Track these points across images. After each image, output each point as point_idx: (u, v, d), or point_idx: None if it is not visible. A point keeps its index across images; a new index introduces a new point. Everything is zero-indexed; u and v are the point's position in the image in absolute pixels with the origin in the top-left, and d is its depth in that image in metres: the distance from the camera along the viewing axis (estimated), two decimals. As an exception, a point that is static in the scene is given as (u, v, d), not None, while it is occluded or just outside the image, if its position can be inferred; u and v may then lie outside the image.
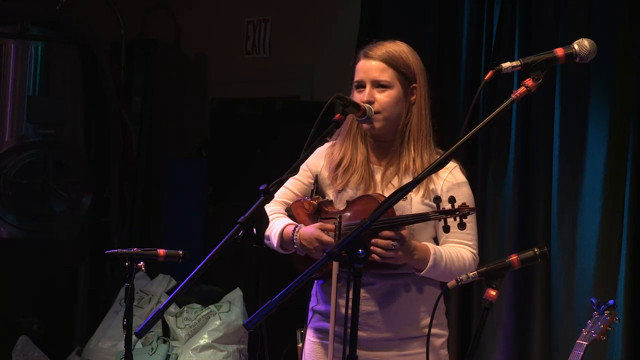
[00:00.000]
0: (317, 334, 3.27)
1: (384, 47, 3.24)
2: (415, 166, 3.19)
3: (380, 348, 3.18)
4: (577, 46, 2.66)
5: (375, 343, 3.17)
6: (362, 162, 3.23)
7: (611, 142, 4.34)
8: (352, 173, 3.22)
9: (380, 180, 3.23)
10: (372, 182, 3.22)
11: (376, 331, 3.17)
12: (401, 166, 3.21)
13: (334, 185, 3.24)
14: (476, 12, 4.84)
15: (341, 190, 3.22)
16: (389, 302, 3.16)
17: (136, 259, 3.42)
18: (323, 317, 3.26)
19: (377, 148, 3.26)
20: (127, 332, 3.40)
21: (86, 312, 6.35)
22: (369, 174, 3.23)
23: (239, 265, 4.61)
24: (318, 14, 6.01)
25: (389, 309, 3.16)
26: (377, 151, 3.27)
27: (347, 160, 3.24)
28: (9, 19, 5.99)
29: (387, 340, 3.18)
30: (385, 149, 3.25)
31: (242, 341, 5.41)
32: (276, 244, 3.20)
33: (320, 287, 3.28)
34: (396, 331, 3.18)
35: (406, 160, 3.21)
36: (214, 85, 6.62)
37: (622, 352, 4.20)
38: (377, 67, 3.21)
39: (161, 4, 6.93)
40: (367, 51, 3.24)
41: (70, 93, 6.16)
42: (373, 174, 3.24)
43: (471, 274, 2.65)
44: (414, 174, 3.16)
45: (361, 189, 3.20)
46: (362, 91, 3.20)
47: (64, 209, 6.02)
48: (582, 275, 4.40)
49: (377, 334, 3.17)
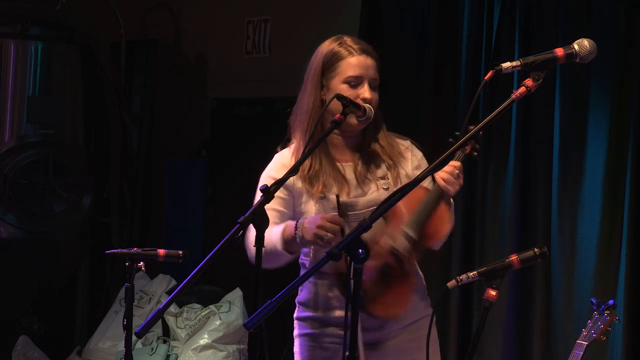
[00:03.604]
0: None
1: (365, 43, 3.25)
2: (382, 152, 3.23)
3: (392, 337, 3.24)
4: (577, 46, 2.66)
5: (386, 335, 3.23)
6: (328, 162, 3.21)
7: (611, 142, 4.34)
8: (322, 175, 3.20)
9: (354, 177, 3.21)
10: (345, 181, 3.20)
11: (386, 330, 3.23)
12: (370, 155, 3.22)
13: (310, 193, 3.19)
14: (476, 12, 4.85)
15: (323, 198, 3.18)
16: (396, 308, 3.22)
17: (136, 259, 3.42)
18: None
19: (346, 145, 3.25)
20: (127, 332, 3.40)
21: (86, 312, 6.35)
22: (338, 173, 3.21)
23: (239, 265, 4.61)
24: (318, 14, 6.01)
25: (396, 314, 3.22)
26: (345, 148, 3.25)
27: (315, 164, 3.20)
28: (9, 19, 5.99)
29: (398, 329, 3.24)
30: (353, 144, 3.25)
31: (242, 341, 5.41)
32: (280, 246, 3.12)
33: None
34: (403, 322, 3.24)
35: (373, 148, 3.23)
36: (214, 85, 6.62)
37: (622, 352, 4.21)
38: (374, 66, 3.21)
39: (161, 4, 6.93)
40: (356, 46, 3.21)
41: (70, 93, 6.16)
42: (343, 172, 3.22)
43: (471, 274, 2.65)
44: (383, 160, 3.21)
45: (334, 190, 3.17)
46: (358, 87, 3.17)
47: (64, 209, 6.02)
48: (582, 275, 4.40)
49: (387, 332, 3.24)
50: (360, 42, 3.25)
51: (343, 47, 3.21)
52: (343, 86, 3.17)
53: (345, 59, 3.19)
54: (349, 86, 3.17)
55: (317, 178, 3.19)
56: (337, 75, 3.19)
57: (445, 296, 4.75)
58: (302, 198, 3.21)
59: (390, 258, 3.10)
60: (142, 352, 5.44)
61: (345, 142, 3.25)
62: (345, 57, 3.19)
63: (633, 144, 4.27)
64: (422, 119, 4.97)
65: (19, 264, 5.91)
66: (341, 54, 3.20)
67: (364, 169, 3.22)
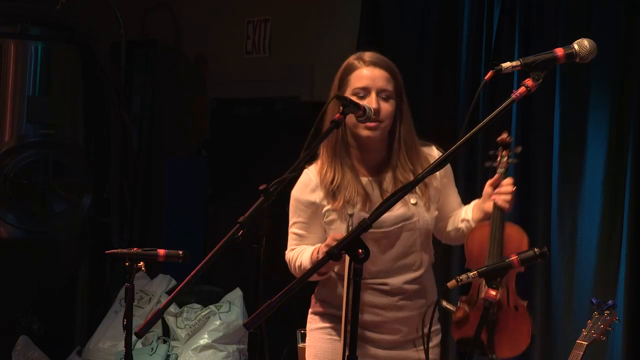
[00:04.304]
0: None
1: (382, 57, 3.27)
2: (413, 162, 3.25)
3: (402, 347, 3.29)
4: (577, 46, 2.66)
5: (397, 344, 3.28)
6: (351, 176, 3.24)
7: (611, 142, 4.34)
8: (345, 189, 3.22)
9: (379, 194, 3.24)
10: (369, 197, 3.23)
11: (400, 334, 3.28)
12: (397, 176, 3.24)
13: (333, 206, 3.23)
14: (476, 12, 4.85)
15: (352, 215, 3.21)
16: (415, 306, 3.27)
17: (136, 259, 3.42)
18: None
19: (364, 159, 3.27)
20: (127, 332, 3.40)
21: (86, 312, 6.36)
22: (362, 188, 3.23)
23: (239, 265, 4.62)
24: (318, 14, 6.01)
25: (415, 312, 3.27)
26: (364, 162, 3.28)
27: (338, 177, 3.24)
28: (9, 19, 5.99)
29: (408, 341, 3.29)
30: (373, 159, 3.27)
31: (242, 341, 5.41)
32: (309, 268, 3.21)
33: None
34: (416, 331, 3.29)
35: (402, 171, 3.24)
36: (214, 85, 6.62)
37: (622, 352, 4.21)
38: (383, 76, 3.22)
39: (161, 4, 6.93)
40: (367, 59, 3.24)
41: (70, 93, 6.16)
42: (368, 188, 3.24)
43: (471, 274, 2.65)
44: (412, 171, 3.24)
45: (358, 207, 3.21)
46: (364, 98, 3.19)
47: (64, 209, 6.02)
48: (582, 275, 4.40)
49: (400, 337, 3.28)
50: (374, 56, 3.26)
51: (356, 60, 3.26)
52: (352, 98, 3.18)
53: (354, 71, 3.24)
54: (357, 97, 3.19)
55: (339, 191, 3.23)
56: (348, 88, 3.23)
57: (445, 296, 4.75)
58: (325, 210, 3.25)
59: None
60: (142, 352, 5.45)
61: (364, 156, 3.27)
62: (354, 70, 3.24)
63: (633, 144, 4.27)
64: (422, 119, 4.96)
65: (19, 264, 5.91)
66: (352, 67, 3.25)
67: (391, 185, 3.24)
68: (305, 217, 3.29)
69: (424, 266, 3.29)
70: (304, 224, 3.29)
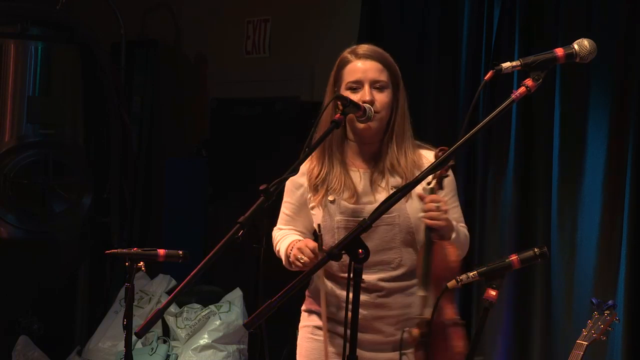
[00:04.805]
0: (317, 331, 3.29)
1: (374, 48, 3.26)
2: (401, 165, 3.21)
3: (386, 350, 3.22)
4: (577, 46, 2.65)
5: (380, 346, 3.22)
6: (340, 170, 3.23)
7: (611, 142, 4.33)
8: (329, 181, 3.22)
9: (369, 185, 3.22)
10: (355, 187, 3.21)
11: (382, 334, 3.22)
12: (386, 165, 3.22)
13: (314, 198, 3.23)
14: (476, 12, 4.85)
15: (333, 201, 3.20)
16: (395, 305, 3.21)
17: (136, 259, 3.42)
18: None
19: (361, 152, 3.27)
20: (127, 332, 3.40)
21: (86, 312, 6.36)
22: (349, 179, 3.22)
23: (239, 265, 4.61)
24: (318, 14, 6.01)
25: (395, 312, 3.22)
26: (361, 155, 3.27)
27: (323, 172, 3.24)
28: (9, 19, 5.99)
29: (391, 343, 3.21)
30: (370, 151, 3.26)
31: (242, 341, 5.41)
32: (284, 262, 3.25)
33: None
34: (398, 333, 3.20)
35: (391, 159, 3.22)
36: (214, 85, 6.62)
37: (622, 352, 4.20)
38: (375, 67, 3.21)
39: (161, 4, 6.93)
40: (358, 52, 3.23)
41: (70, 93, 6.16)
42: (355, 178, 3.23)
43: (471, 274, 2.64)
44: (400, 173, 3.20)
45: (343, 195, 3.20)
46: (358, 91, 3.19)
47: (64, 209, 6.02)
48: (582, 275, 4.40)
49: (383, 337, 3.22)
50: (367, 48, 3.26)
51: (349, 54, 3.25)
52: (347, 92, 3.19)
53: (347, 65, 3.23)
54: (352, 91, 3.19)
55: (322, 184, 3.23)
56: (342, 83, 3.23)
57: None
58: (309, 203, 3.26)
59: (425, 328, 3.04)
60: (142, 352, 5.44)
61: (362, 149, 3.26)
62: (347, 64, 3.23)
63: (633, 144, 4.27)
64: (422, 119, 4.96)
65: (19, 264, 5.91)
66: (345, 61, 3.25)
67: (378, 177, 3.23)
68: (294, 200, 3.31)
69: (404, 266, 3.21)
70: (293, 205, 3.32)
